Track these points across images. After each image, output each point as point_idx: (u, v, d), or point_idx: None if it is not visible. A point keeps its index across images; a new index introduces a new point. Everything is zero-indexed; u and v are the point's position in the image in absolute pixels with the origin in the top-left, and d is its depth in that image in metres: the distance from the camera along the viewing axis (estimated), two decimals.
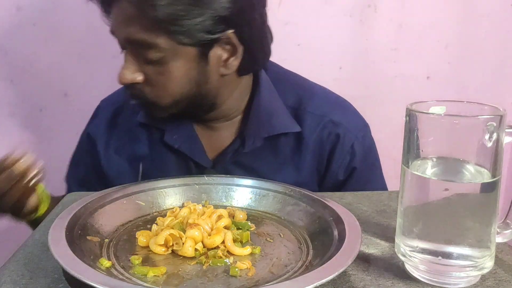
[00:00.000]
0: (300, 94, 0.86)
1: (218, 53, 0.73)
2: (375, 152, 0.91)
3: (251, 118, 0.82)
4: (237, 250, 0.54)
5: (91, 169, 0.91)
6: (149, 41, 0.69)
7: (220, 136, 0.85)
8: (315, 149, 0.84)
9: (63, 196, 0.76)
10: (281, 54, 1.17)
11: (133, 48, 0.72)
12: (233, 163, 0.83)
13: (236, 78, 0.79)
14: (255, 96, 0.82)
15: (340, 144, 0.84)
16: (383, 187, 0.91)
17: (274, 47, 0.86)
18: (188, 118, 0.83)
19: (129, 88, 0.75)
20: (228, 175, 0.71)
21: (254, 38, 0.76)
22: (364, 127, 0.88)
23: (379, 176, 0.92)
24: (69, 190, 0.95)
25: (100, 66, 1.19)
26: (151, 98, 0.75)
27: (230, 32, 0.71)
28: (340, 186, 0.86)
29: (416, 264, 0.48)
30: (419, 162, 0.47)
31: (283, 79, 0.87)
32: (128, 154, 0.88)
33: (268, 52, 0.82)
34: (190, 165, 0.84)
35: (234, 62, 0.75)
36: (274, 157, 0.83)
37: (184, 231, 0.55)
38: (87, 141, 0.92)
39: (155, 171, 0.84)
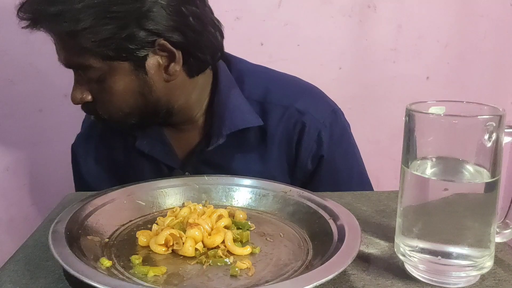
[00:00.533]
0: (266, 87, 0.85)
1: (155, 61, 0.74)
2: (348, 140, 0.89)
3: (213, 116, 0.82)
4: (237, 249, 0.54)
5: (78, 179, 0.94)
6: (83, 63, 0.71)
7: (188, 137, 0.86)
8: (282, 140, 0.83)
9: None
10: (281, 54, 1.18)
11: (75, 70, 0.75)
12: (201, 161, 0.84)
13: (189, 80, 0.79)
14: (215, 94, 0.83)
15: (307, 133, 0.83)
16: (361, 178, 0.89)
17: (274, 47, 0.87)
18: (155, 125, 0.84)
19: (83, 107, 0.78)
20: (228, 175, 0.71)
21: (192, 40, 0.74)
22: (332, 113, 0.86)
23: (355, 166, 0.89)
24: None
25: None
26: (102, 114, 0.77)
27: (161, 40, 0.72)
28: (310, 176, 0.85)
29: (415, 263, 0.48)
30: (418, 162, 0.47)
31: (250, 74, 0.87)
32: (106, 162, 0.90)
33: (216, 48, 0.80)
34: (162, 167, 0.85)
35: (176, 68, 0.75)
36: (240, 152, 0.83)
37: (184, 230, 0.55)
38: (72, 154, 0.94)
39: (132, 177, 0.84)
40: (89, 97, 0.75)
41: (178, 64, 0.75)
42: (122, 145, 0.88)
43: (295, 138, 0.83)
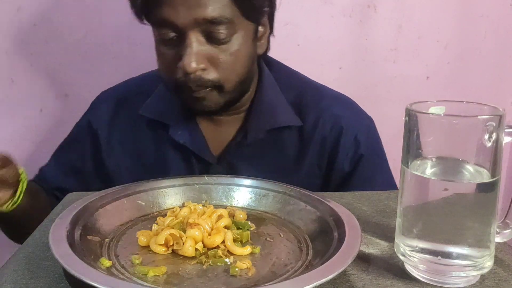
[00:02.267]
0: (302, 90, 0.87)
1: (260, 31, 0.79)
2: (380, 144, 0.91)
3: (254, 112, 0.83)
4: (237, 249, 0.54)
5: (88, 158, 0.90)
6: (226, 16, 0.72)
7: (224, 131, 0.85)
8: (317, 143, 0.85)
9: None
10: (281, 54, 1.18)
11: (199, 31, 0.72)
12: (236, 157, 0.84)
13: (254, 66, 0.82)
14: (258, 90, 0.84)
15: (344, 136, 0.84)
16: (390, 180, 0.90)
17: (274, 47, 0.87)
18: (202, 114, 0.83)
19: (192, 77, 0.73)
20: (228, 175, 0.71)
21: (272, 21, 0.80)
22: (367, 119, 0.89)
23: (386, 168, 0.91)
24: (46, 175, 0.92)
25: (101, 67, 1.19)
26: (218, 81, 0.75)
27: (269, 11, 0.78)
28: (348, 178, 0.86)
29: (415, 263, 0.48)
30: (418, 162, 0.47)
31: (286, 76, 0.89)
32: (130, 147, 0.88)
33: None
34: (192, 161, 0.84)
35: (263, 42, 0.80)
36: (277, 151, 0.84)
37: (184, 230, 0.55)
38: (87, 130, 0.90)
39: (157, 167, 0.85)
40: (203, 65, 0.73)
41: (265, 39, 0.81)
42: (150, 132, 0.86)
43: (330, 142, 0.85)
